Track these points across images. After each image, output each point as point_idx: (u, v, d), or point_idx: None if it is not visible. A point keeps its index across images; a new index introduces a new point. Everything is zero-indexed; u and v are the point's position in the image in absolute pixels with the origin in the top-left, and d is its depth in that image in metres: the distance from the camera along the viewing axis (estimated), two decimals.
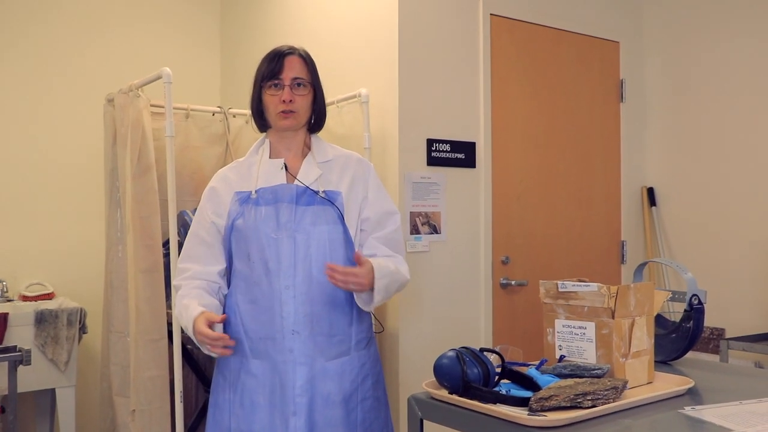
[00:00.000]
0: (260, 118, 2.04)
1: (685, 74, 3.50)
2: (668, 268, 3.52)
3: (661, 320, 2.00)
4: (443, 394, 1.54)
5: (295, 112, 1.96)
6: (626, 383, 1.53)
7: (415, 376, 2.68)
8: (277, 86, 1.96)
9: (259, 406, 1.90)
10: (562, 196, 3.30)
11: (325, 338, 1.91)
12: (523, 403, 1.42)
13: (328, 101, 2.13)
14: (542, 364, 1.67)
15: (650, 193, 3.60)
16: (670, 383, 1.63)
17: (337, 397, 1.91)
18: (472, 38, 3.00)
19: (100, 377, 3.06)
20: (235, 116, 3.32)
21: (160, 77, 2.67)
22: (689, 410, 1.41)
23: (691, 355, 2.00)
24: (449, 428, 1.52)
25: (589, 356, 1.64)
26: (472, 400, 1.46)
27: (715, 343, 3.25)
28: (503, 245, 3.08)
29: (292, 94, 1.95)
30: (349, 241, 1.95)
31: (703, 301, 1.91)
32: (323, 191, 1.96)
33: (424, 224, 2.82)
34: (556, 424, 1.33)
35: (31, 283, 3.44)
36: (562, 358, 1.68)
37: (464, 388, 1.49)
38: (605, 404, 1.41)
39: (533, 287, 2.95)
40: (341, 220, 1.95)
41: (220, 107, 3.30)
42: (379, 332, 2.73)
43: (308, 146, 2.06)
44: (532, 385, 1.52)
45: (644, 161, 3.64)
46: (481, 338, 2.97)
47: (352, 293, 1.94)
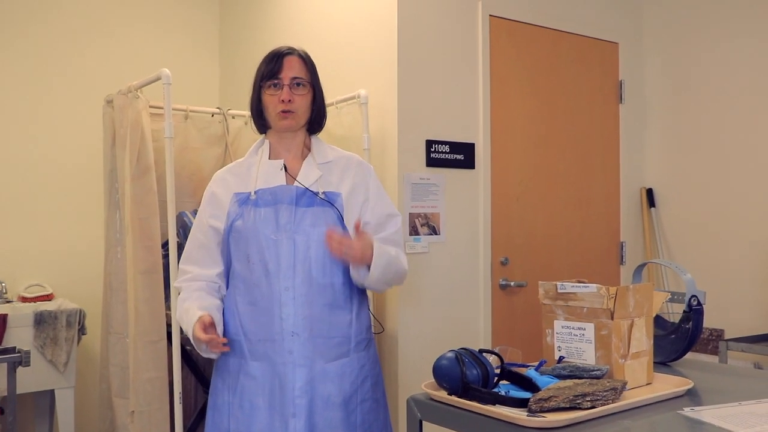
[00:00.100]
0: (260, 118, 2.04)
1: (684, 75, 3.50)
2: (667, 269, 3.51)
3: (660, 321, 1.99)
4: (442, 395, 1.54)
5: (294, 111, 1.96)
6: (625, 384, 1.53)
7: (414, 377, 2.68)
8: (276, 86, 1.96)
9: (258, 408, 1.89)
10: (561, 197, 3.30)
11: (324, 340, 1.91)
12: (522, 404, 1.42)
13: (327, 102, 2.13)
14: (541, 365, 1.67)
15: (649, 193, 3.60)
16: (669, 384, 1.63)
17: (337, 398, 1.91)
18: (471, 39, 3.00)
19: (99, 378, 3.06)
20: (234, 117, 3.32)
21: (159, 78, 2.67)
22: (688, 411, 1.41)
23: (690, 356, 2.00)
24: (448, 429, 1.52)
25: (588, 357, 1.64)
26: (471, 401, 1.46)
27: (714, 344, 3.25)
28: (502, 246, 3.08)
29: (291, 93, 1.95)
30: None
31: (702, 302, 1.91)
32: (323, 192, 1.96)
33: (423, 225, 2.82)
34: (555, 425, 1.33)
35: (30, 284, 3.44)
36: (561, 359, 1.68)
37: (463, 389, 1.49)
38: (604, 405, 1.41)
39: (532, 288, 2.95)
40: (341, 221, 1.94)
41: (219, 108, 3.30)
42: (378, 333, 2.72)
43: (308, 147, 2.06)
44: (531, 386, 1.52)
45: (643, 162, 3.64)
46: (480, 339, 2.97)
47: (351, 295, 1.94)
